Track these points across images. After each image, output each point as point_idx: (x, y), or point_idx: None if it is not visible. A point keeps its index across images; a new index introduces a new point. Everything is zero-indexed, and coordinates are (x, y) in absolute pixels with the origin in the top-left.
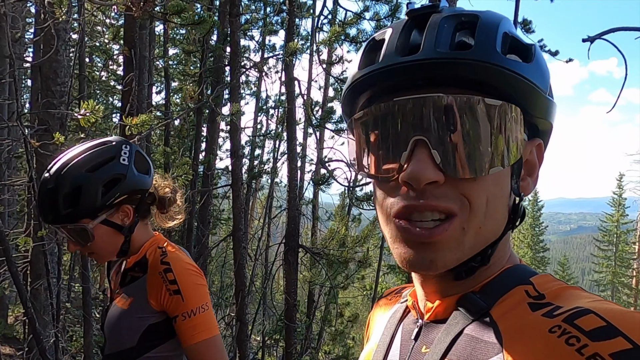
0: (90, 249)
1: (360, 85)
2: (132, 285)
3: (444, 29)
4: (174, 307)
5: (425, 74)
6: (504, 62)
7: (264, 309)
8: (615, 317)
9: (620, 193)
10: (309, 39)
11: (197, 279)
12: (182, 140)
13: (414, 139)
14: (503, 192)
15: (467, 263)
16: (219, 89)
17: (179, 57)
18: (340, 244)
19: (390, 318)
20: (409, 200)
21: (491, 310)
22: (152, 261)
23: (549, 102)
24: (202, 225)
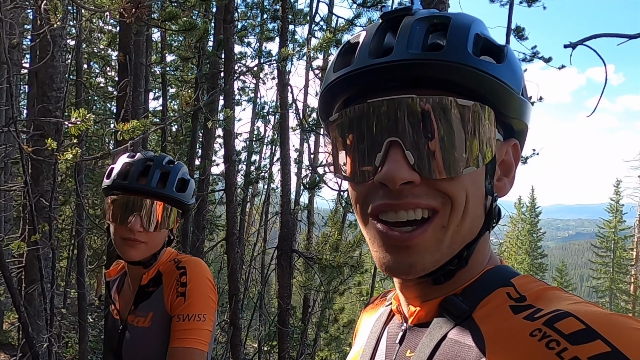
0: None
1: (335, 87)
2: (149, 301)
3: (416, 31)
4: (175, 307)
5: (398, 76)
6: (475, 63)
7: (259, 314)
8: (594, 320)
9: (618, 199)
10: (305, 45)
11: (208, 291)
12: (179, 145)
13: (387, 141)
14: (479, 192)
15: (444, 267)
16: (213, 94)
17: (176, 63)
18: (333, 248)
19: (376, 322)
20: (385, 199)
21: (473, 314)
22: (166, 272)
23: (523, 102)
24: (197, 230)
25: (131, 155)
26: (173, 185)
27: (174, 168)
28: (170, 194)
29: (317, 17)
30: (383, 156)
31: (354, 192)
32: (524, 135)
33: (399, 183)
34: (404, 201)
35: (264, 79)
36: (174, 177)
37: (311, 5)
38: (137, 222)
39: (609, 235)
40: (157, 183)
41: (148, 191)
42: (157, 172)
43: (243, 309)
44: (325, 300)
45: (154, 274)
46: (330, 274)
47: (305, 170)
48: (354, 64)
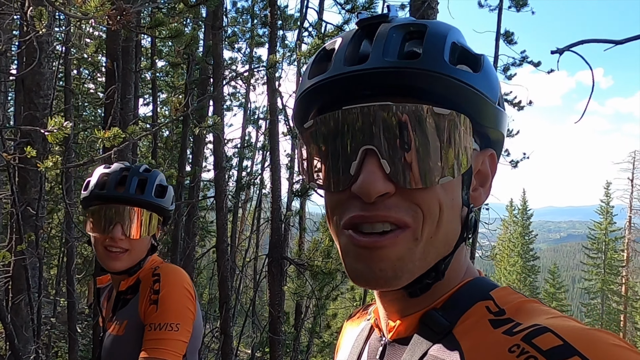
0: (130, 244)
1: (309, 95)
2: (125, 309)
3: (392, 39)
4: (147, 316)
5: (373, 84)
6: (451, 72)
7: (251, 321)
8: (572, 336)
9: (608, 201)
10: (294, 50)
11: (184, 300)
12: (170, 152)
13: (363, 149)
14: (454, 202)
15: (421, 280)
16: (202, 100)
17: (166, 69)
18: (324, 254)
19: (358, 337)
20: (359, 210)
21: (454, 329)
22: (144, 280)
23: (499, 112)
24: (188, 237)
25: (107, 166)
26: (151, 191)
27: (151, 175)
28: (149, 199)
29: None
30: (358, 165)
31: (330, 202)
32: (500, 144)
33: (374, 196)
34: (377, 213)
35: (254, 84)
36: (152, 183)
37: (301, 11)
38: (118, 230)
39: (600, 236)
40: (136, 190)
41: (127, 198)
42: (134, 180)
43: (236, 316)
44: (317, 306)
45: (133, 282)
46: (322, 280)
47: (297, 176)
48: (329, 72)
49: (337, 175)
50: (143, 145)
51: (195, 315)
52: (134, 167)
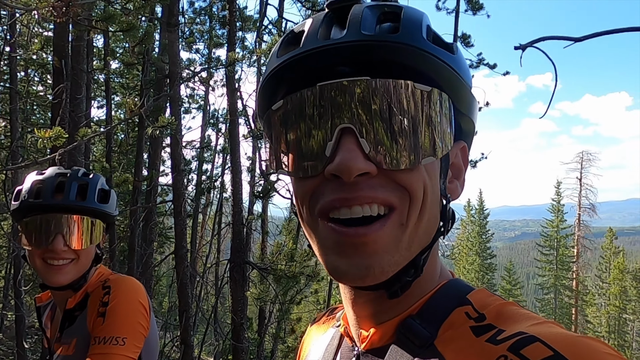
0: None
1: (279, 72)
2: (73, 327)
3: (368, 16)
4: (94, 328)
5: (350, 58)
6: (430, 49)
7: (213, 329)
8: (562, 345)
9: (559, 200)
10: (254, 52)
11: (134, 313)
12: (125, 155)
13: (339, 128)
14: (436, 189)
15: (401, 277)
16: (158, 99)
17: (121, 70)
18: (288, 258)
19: (328, 346)
20: (338, 193)
21: (436, 341)
22: (93, 294)
23: (473, 98)
24: (145, 244)
25: (40, 172)
26: (94, 196)
27: (92, 179)
28: (93, 205)
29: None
30: (334, 145)
31: (299, 190)
32: (471, 136)
33: (354, 174)
34: (359, 194)
35: (214, 86)
36: (93, 188)
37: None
38: (59, 241)
39: (552, 234)
40: (76, 196)
41: (67, 206)
42: (74, 185)
43: (197, 324)
44: (281, 311)
45: (81, 297)
46: (286, 284)
47: (259, 179)
48: (302, 47)
49: (310, 159)
50: (97, 150)
51: (147, 331)
52: (72, 172)
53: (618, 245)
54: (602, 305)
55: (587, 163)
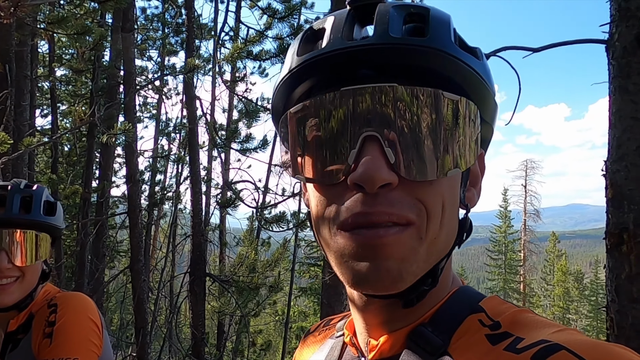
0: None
1: (300, 73)
2: (16, 351)
3: (395, 17)
4: (40, 351)
5: (377, 62)
6: (460, 55)
7: (169, 345)
8: (589, 353)
9: (506, 206)
10: (210, 61)
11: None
12: (72, 167)
13: (364, 135)
14: (455, 200)
15: (417, 286)
16: (111, 107)
17: (68, 77)
18: (250, 269)
19: (327, 357)
20: (359, 207)
21: (449, 349)
22: (38, 314)
23: (496, 105)
24: (97, 259)
25: None
26: (39, 208)
27: (36, 191)
28: (38, 218)
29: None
30: (358, 153)
31: (318, 197)
32: (488, 143)
33: (378, 184)
34: (378, 209)
35: (167, 94)
36: (38, 199)
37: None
38: (2, 258)
39: (500, 239)
40: (20, 209)
41: (10, 220)
42: (16, 198)
43: (152, 340)
44: (241, 324)
45: (24, 319)
46: (247, 296)
47: (215, 189)
48: (326, 47)
49: (331, 166)
50: (40, 161)
51: (101, 349)
52: (13, 184)
53: (560, 248)
54: (548, 306)
55: (531, 171)
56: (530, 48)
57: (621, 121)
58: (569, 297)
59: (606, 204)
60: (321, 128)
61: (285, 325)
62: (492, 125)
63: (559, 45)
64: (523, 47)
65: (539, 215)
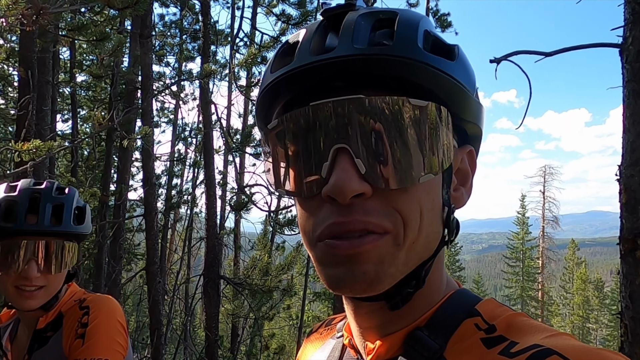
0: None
1: (272, 90)
2: (45, 348)
3: (361, 26)
4: (72, 351)
5: (343, 74)
6: (427, 59)
7: (184, 347)
8: (580, 358)
9: (524, 213)
10: (226, 66)
11: (114, 333)
12: (91, 171)
13: (334, 148)
14: (435, 204)
15: (400, 289)
16: (129, 112)
17: (88, 83)
18: (263, 272)
19: (328, 357)
20: (334, 217)
21: (445, 353)
22: (68, 314)
23: (477, 104)
24: (114, 261)
25: (11, 187)
26: (70, 218)
27: (67, 198)
28: (69, 229)
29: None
30: (330, 165)
31: (301, 210)
32: (478, 140)
33: (349, 195)
34: (354, 218)
35: (184, 99)
36: (69, 208)
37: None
38: (33, 268)
39: (518, 246)
40: (51, 219)
41: (42, 232)
42: (48, 207)
43: (166, 342)
44: (254, 327)
45: (53, 317)
46: (261, 299)
47: (230, 193)
48: (294, 63)
49: (308, 179)
50: (61, 165)
51: (126, 351)
52: (46, 189)
53: (580, 256)
54: (567, 315)
55: (550, 177)
56: (543, 52)
57: (635, 125)
58: (589, 306)
59: (620, 209)
60: (296, 142)
61: (299, 330)
62: (477, 123)
63: (571, 49)
64: (535, 51)
65: (557, 222)
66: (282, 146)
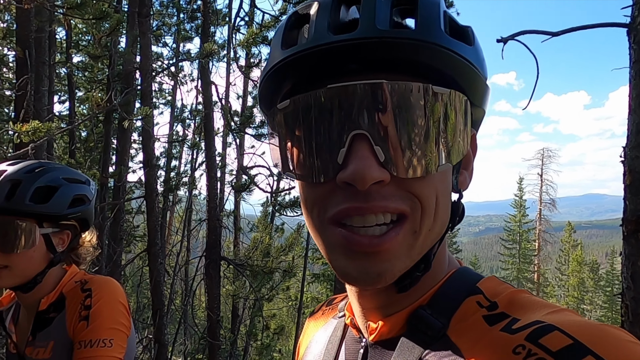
0: (8, 260)
1: (284, 68)
2: (48, 329)
3: (381, 4)
4: (77, 333)
5: (365, 56)
6: (452, 45)
7: (184, 327)
8: (582, 333)
9: (521, 195)
10: (225, 47)
11: (117, 314)
12: (89, 152)
13: (352, 134)
14: (448, 190)
15: (411, 273)
16: (129, 93)
17: (85, 64)
18: (264, 254)
19: (331, 337)
20: (351, 202)
21: (448, 331)
22: (70, 296)
23: (488, 89)
24: (114, 242)
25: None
26: (25, 196)
27: (31, 176)
28: (19, 207)
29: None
30: (347, 152)
31: (309, 195)
32: (480, 123)
33: (369, 183)
34: (372, 204)
35: (183, 80)
36: (27, 186)
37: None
38: None
39: (515, 228)
40: (5, 197)
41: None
42: (5, 185)
43: (168, 323)
44: (255, 307)
45: (55, 298)
46: (261, 280)
47: (231, 175)
48: (311, 40)
49: (320, 165)
50: (58, 147)
51: (130, 331)
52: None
53: (576, 238)
54: (562, 297)
55: (548, 159)
56: (550, 32)
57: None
58: (584, 288)
59: (624, 191)
60: (309, 126)
61: (298, 311)
62: (483, 108)
63: (578, 29)
64: (542, 30)
65: (554, 205)
66: (292, 128)
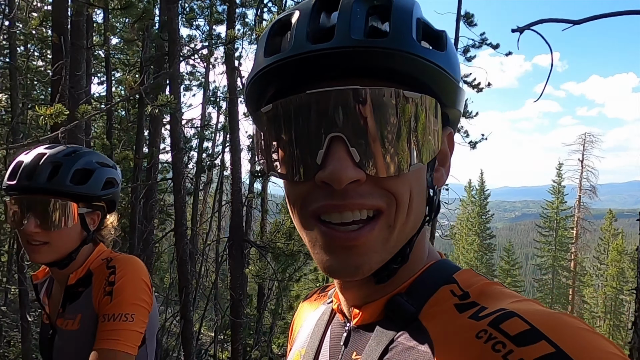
0: (49, 237)
1: (267, 75)
2: (77, 303)
3: (357, 13)
4: (102, 307)
5: (340, 64)
6: (422, 52)
7: (214, 304)
8: (539, 320)
9: (560, 181)
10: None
11: (139, 291)
12: (125, 132)
13: (330, 136)
14: (422, 187)
15: (388, 265)
16: (157, 77)
17: (121, 46)
18: (286, 236)
19: (318, 321)
20: (329, 199)
21: (420, 315)
22: (97, 272)
23: (460, 90)
24: (146, 221)
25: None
26: (66, 177)
27: (70, 159)
28: (61, 188)
29: None
30: (325, 153)
31: (291, 193)
32: (457, 122)
33: (345, 182)
34: (349, 202)
35: (214, 63)
36: (68, 168)
37: None
38: (30, 223)
39: (552, 215)
40: (48, 178)
41: (36, 188)
42: (47, 167)
43: (197, 299)
44: (279, 288)
45: (83, 274)
46: (284, 262)
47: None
48: (291, 49)
49: (301, 165)
50: (98, 127)
51: (151, 307)
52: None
53: (617, 227)
54: (599, 286)
55: (590, 145)
56: (570, 20)
57: None
58: (624, 278)
59: None
60: (290, 128)
61: None
62: (458, 109)
63: (601, 17)
64: (562, 19)
65: (595, 192)
66: (275, 131)
